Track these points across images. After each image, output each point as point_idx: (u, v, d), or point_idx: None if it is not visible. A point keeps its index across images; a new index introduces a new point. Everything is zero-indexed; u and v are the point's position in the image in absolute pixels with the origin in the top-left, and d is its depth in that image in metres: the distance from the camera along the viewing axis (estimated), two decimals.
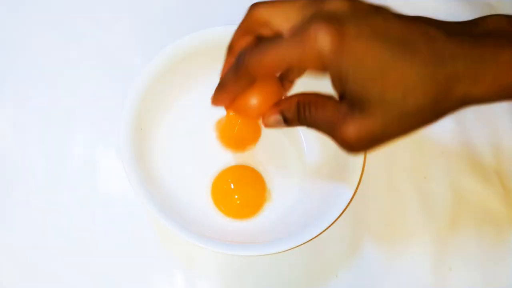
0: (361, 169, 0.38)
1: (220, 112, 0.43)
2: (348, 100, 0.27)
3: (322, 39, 0.25)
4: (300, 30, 0.26)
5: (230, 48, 0.32)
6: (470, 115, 0.47)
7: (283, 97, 0.32)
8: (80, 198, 0.42)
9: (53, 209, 0.41)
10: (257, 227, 0.41)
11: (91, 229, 0.41)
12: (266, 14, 0.29)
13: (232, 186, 0.42)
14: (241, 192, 0.42)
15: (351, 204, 0.37)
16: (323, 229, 0.36)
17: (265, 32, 0.30)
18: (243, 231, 0.40)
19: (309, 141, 0.43)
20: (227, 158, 0.43)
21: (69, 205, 0.41)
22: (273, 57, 0.27)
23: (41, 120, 0.44)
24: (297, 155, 0.43)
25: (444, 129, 0.46)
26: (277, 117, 0.31)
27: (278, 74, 0.34)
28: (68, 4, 0.48)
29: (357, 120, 0.27)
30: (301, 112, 0.30)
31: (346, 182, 0.38)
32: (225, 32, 0.41)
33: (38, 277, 0.40)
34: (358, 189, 0.38)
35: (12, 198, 0.42)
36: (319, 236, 0.36)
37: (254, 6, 0.30)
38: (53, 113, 0.44)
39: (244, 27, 0.31)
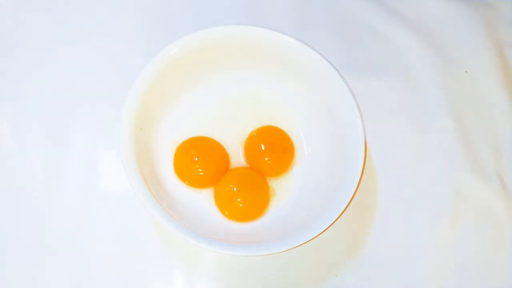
0: (361, 169, 0.38)
1: (220, 110, 0.44)
2: None
3: None
4: None
5: None
6: (470, 115, 0.47)
7: None
8: (80, 198, 0.42)
9: (53, 209, 0.41)
10: (257, 228, 0.40)
11: (91, 229, 0.41)
12: None
13: (235, 190, 0.41)
14: (244, 195, 0.41)
15: (351, 204, 0.37)
16: (323, 229, 0.36)
17: None
18: (243, 231, 0.40)
19: (309, 141, 0.43)
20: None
21: (69, 205, 0.41)
22: None
23: (41, 120, 0.44)
24: (297, 155, 0.43)
25: (444, 129, 0.46)
26: None
27: None
28: (68, 4, 0.48)
29: None
30: None
31: (346, 182, 0.38)
32: (225, 32, 0.41)
33: (38, 277, 0.40)
34: (358, 189, 0.38)
35: (12, 198, 0.42)
36: (319, 236, 0.36)
37: None
38: (53, 113, 0.44)
39: None
